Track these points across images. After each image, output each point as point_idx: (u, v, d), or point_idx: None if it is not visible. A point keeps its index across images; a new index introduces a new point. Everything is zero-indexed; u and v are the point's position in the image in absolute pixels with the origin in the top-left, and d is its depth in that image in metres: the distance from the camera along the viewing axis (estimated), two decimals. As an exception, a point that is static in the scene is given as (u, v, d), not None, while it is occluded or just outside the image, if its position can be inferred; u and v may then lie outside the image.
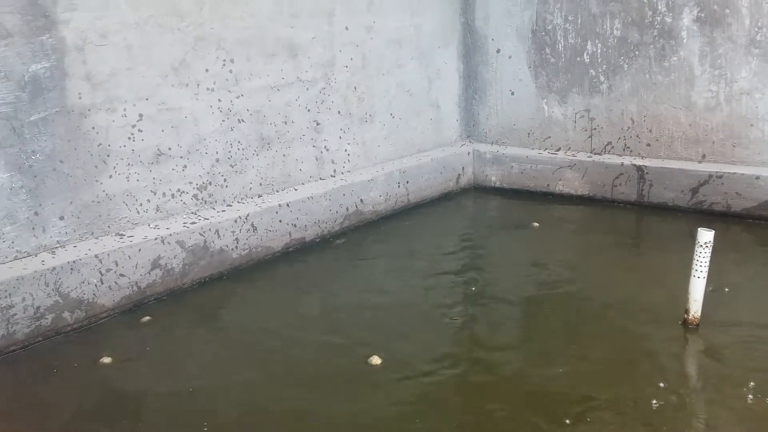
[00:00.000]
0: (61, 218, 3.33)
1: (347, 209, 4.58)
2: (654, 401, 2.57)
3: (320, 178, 4.61)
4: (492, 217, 5.11)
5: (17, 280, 3.00)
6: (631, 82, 5.03)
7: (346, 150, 4.79)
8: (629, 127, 5.10)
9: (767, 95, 4.54)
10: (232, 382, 2.77)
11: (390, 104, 5.08)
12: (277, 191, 4.33)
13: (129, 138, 3.57)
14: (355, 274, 3.91)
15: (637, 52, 4.96)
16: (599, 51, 5.12)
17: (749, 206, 4.53)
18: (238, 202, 4.09)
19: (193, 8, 3.76)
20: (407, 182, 5.04)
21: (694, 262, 3.03)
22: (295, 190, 4.39)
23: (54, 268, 3.12)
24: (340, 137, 4.74)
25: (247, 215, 3.95)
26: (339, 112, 4.70)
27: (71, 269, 3.18)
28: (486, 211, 5.23)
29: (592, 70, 5.18)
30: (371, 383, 2.77)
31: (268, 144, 4.26)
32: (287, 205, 4.17)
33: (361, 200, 4.68)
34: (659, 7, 4.81)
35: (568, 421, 2.47)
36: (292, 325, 3.26)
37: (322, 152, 4.62)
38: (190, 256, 3.66)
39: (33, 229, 3.22)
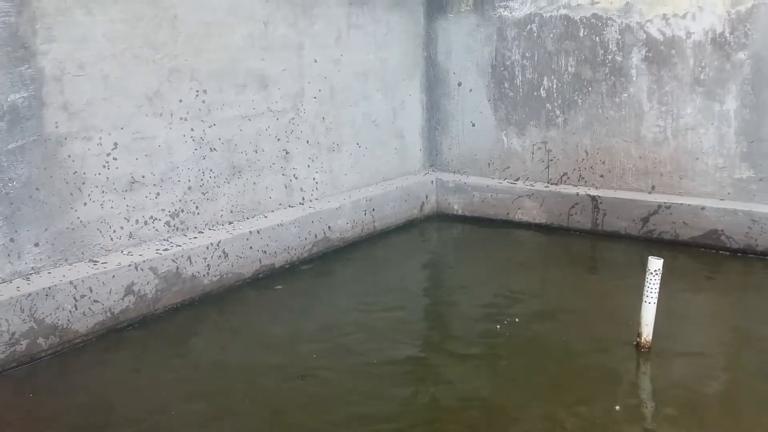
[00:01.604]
0: (36, 245, 3.37)
1: (316, 236, 4.70)
2: (610, 422, 2.74)
3: (289, 206, 4.73)
4: (454, 244, 5.29)
5: (-7, 306, 3.03)
6: (585, 116, 5.31)
7: (314, 178, 4.92)
8: (584, 159, 5.37)
9: (710, 131, 4.86)
10: (189, 411, 2.85)
11: (357, 134, 5.25)
12: (248, 218, 4.43)
13: (104, 166, 3.64)
14: (323, 301, 4.02)
15: (590, 88, 5.25)
16: (555, 86, 5.39)
17: (696, 235, 4.81)
18: (210, 229, 4.18)
19: (168, 41, 3.87)
20: (373, 210, 5.20)
21: (645, 288, 3.24)
22: (265, 217, 4.49)
23: (29, 294, 3.17)
24: (309, 166, 4.87)
25: (219, 242, 4.04)
26: (308, 142, 4.84)
27: (46, 295, 3.23)
28: (448, 239, 5.41)
29: (548, 104, 5.45)
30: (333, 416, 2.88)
31: (239, 172, 4.37)
32: (257, 232, 4.28)
33: (329, 227, 4.81)
34: (610, 47, 5.11)
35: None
36: (258, 354, 3.34)
37: (291, 180, 4.75)
38: (163, 282, 3.73)
39: (8, 255, 3.26)
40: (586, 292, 4.17)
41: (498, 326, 3.60)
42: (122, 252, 3.71)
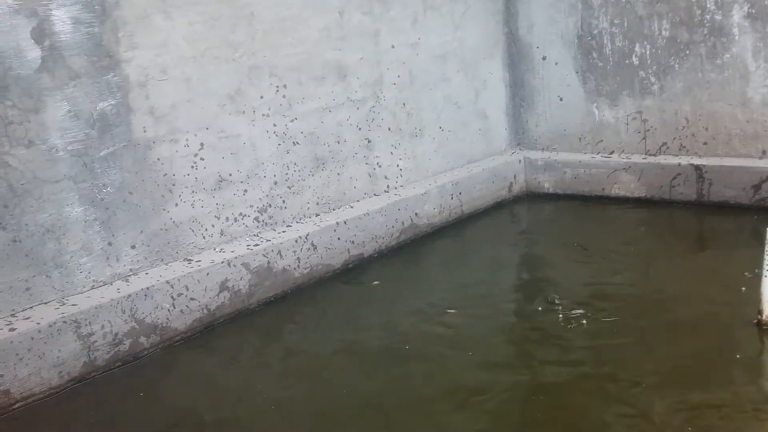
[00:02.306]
0: (133, 247, 3.48)
1: (403, 223, 4.63)
2: (736, 411, 2.53)
3: (374, 195, 4.68)
4: (547, 224, 5.09)
5: (96, 308, 3.15)
6: (684, 82, 4.96)
7: (398, 165, 4.85)
8: (684, 127, 5.03)
9: (827, 86, 4.43)
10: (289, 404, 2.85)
11: (438, 118, 5.13)
12: (334, 209, 4.41)
13: (192, 167, 3.70)
14: (414, 290, 3.95)
15: (687, 52, 4.90)
16: (648, 52, 5.06)
17: (815, 200, 4.41)
18: (297, 222, 4.19)
19: (245, 39, 3.89)
20: (460, 193, 5.07)
21: (765, 261, 2.98)
22: (351, 207, 4.47)
23: (129, 296, 3.27)
24: (392, 153, 4.81)
25: (307, 234, 4.04)
26: (389, 129, 4.77)
27: (145, 295, 3.32)
28: (540, 219, 5.22)
29: (641, 72, 5.13)
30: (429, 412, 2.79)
31: (323, 164, 4.36)
32: (344, 222, 4.25)
33: (416, 214, 4.73)
34: (708, 6, 4.74)
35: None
36: (353, 345, 3.31)
37: (374, 169, 4.70)
38: (255, 277, 3.77)
39: (107, 258, 3.38)
40: (697, 268, 3.89)
41: (605, 309, 3.40)
42: (214, 249, 3.77)
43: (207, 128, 3.76)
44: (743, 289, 3.36)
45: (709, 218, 4.67)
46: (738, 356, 2.87)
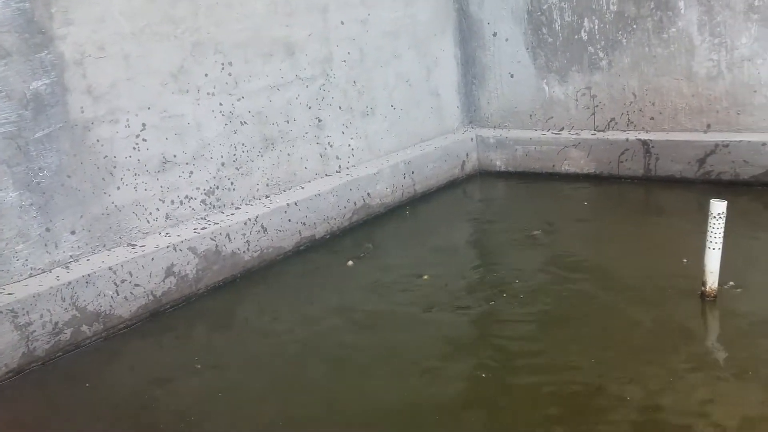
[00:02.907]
0: (73, 233, 3.34)
1: (355, 204, 4.58)
2: (677, 375, 2.57)
3: (326, 175, 4.61)
4: (499, 202, 5.11)
5: (34, 297, 3.02)
6: (631, 57, 5.00)
7: (349, 145, 4.78)
8: (632, 102, 5.08)
9: (769, 60, 4.51)
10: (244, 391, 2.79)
11: (390, 96, 5.07)
12: (284, 191, 4.33)
13: (134, 148, 3.57)
14: (365, 271, 3.91)
15: (635, 26, 4.93)
16: (597, 27, 5.09)
17: (757, 173, 4.51)
18: (247, 204, 4.10)
19: (188, 14, 3.75)
20: (413, 173, 5.04)
21: (709, 233, 3.02)
22: (302, 188, 4.39)
23: (69, 283, 3.14)
24: (343, 132, 4.73)
25: (256, 217, 3.95)
26: (340, 108, 4.69)
27: (86, 283, 3.20)
28: (492, 197, 5.23)
29: (590, 47, 5.15)
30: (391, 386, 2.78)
31: (272, 144, 4.27)
32: (295, 204, 4.18)
33: (368, 194, 4.68)
34: (654, -21, 4.78)
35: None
36: (304, 327, 3.26)
37: (326, 149, 4.62)
38: (203, 261, 3.68)
39: (45, 245, 3.24)
40: (643, 241, 3.95)
41: (555, 283, 3.43)
42: (160, 234, 3.66)
43: (149, 108, 3.63)
44: (684, 261, 3.43)
45: (656, 193, 4.75)
46: (682, 325, 2.92)
